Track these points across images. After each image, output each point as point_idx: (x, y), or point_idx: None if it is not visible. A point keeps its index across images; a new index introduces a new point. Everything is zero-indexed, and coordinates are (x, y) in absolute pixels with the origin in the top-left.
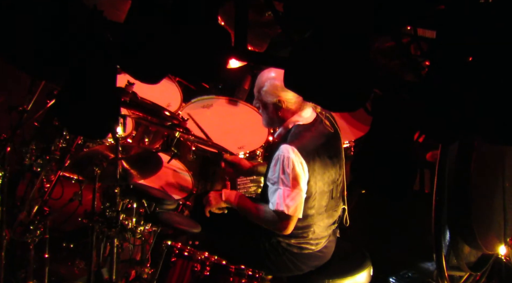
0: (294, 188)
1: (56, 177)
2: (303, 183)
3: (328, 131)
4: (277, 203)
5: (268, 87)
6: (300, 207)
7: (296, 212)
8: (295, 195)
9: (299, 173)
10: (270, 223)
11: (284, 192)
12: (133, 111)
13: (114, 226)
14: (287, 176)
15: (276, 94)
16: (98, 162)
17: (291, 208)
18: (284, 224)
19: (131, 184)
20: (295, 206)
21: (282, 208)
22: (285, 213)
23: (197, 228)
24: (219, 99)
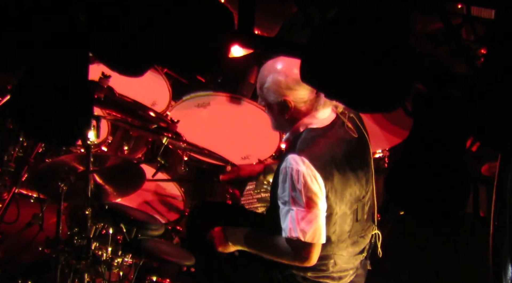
0: (309, 208)
1: (10, 195)
2: (320, 201)
3: (351, 136)
4: (290, 228)
5: (270, 83)
6: (320, 231)
7: (315, 238)
8: (312, 217)
9: (313, 189)
10: (287, 256)
11: (297, 214)
12: (109, 111)
13: (84, 257)
14: (299, 193)
15: (281, 93)
16: (64, 176)
17: (308, 233)
18: (304, 254)
19: (106, 204)
20: (313, 230)
21: (297, 234)
22: (301, 240)
23: (189, 260)
24: (218, 96)
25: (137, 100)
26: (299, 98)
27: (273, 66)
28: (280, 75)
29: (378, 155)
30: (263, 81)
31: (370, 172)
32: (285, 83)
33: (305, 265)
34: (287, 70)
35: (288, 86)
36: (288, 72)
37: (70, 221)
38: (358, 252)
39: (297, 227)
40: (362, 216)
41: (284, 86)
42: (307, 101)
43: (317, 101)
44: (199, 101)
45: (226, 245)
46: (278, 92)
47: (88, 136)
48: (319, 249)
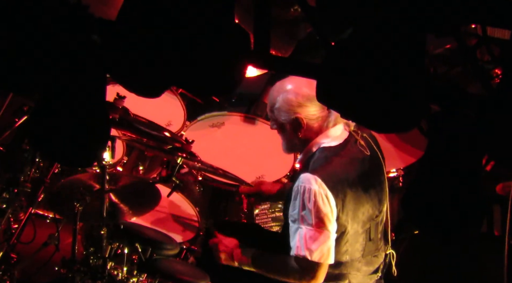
0: (318, 227)
1: (27, 215)
2: (330, 221)
3: (364, 155)
4: (297, 246)
5: (281, 103)
6: (328, 252)
7: (322, 258)
8: (321, 237)
9: (323, 209)
10: (293, 274)
11: (306, 233)
12: (124, 132)
13: (100, 277)
14: (309, 212)
15: (292, 111)
16: (79, 196)
17: (315, 253)
18: (310, 274)
19: (121, 224)
20: (321, 250)
21: (304, 253)
22: (308, 259)
23: (204, 279)
24: (232, 116)
25: (152, 121)
26: (311, 115)
27: (282, 86)
28: (289, 94)
29: (392, 175)
30: (273, 102)
31: (383, 191)
32: (296, 100)
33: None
34: (297, 88)
35: (299, 103)
36: (297, 91)
37: (86, 241)
38: (372, 271)
39: (304, 246)
40: (375, 235)
41: (295, 103)
42: (319, 118)
43: (329, 117)
44: (214, 121)
45: (231, 262)
46: (289, 110)
47: (103, 157)
48: (326, 269)
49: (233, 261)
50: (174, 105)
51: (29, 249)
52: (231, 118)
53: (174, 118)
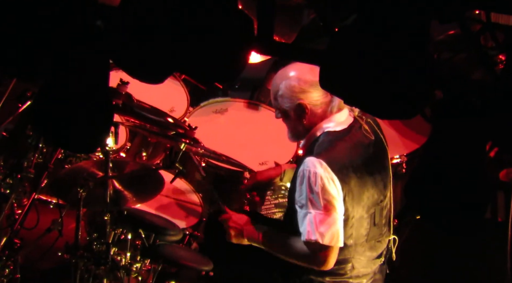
0: (327, 210)
1: (30, 201)
2: (338, 204)
3: (369, 140)
4: (308, 231)
5: (284, 90)
6: (338, 234)
7: (333, 241)
8: (330, 220)
9: (331, 192)
10: (304, 259)
11: (315, 216)
12: (127, 118)
13: (103, 262)
14: (316, 196)
15: (295, 97)
16: (83, 182)
17: (326, 236)
18: (321, 258)
19: (125, 210)
20: (331, 233)
21: (315, 237)
22: (320, 243)
23: (208, 265)
24: (235, 103)
25: (155, 107)
26: (314, 101)
27: (284, 73)
28: (292, 81)
29: (395, 161)
30: (276, 90)
31: (388, 176)
32: (298, 87)
33: (322, 269)
34: (299, 75)
35: (301, 89)
36: (300, 77)
37: (89, 226)
38: (375, 256)
39: (315, 230)
40: (379, 220)
41: (297, 90)
42: (322, 103)
43: (332, 103)
44: (217, 107)
45: (240, 238)
46: (292, 96)
47: (107, 143)
48: (337, 252)
49: (243, 237)
50: (177, 91)
51: (32, 234)
52: (234, 104)
53: (177, 104)
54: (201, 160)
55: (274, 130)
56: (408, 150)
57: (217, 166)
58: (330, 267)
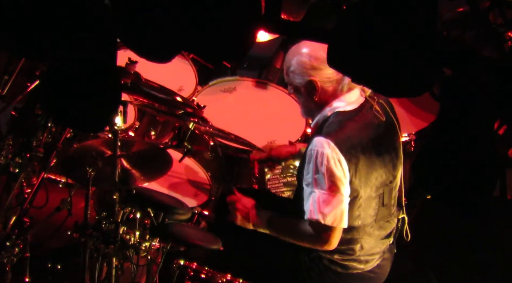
0: (331, 191)
1: (39, 180)
2: (343, 185)
3: (379, 120)
4: (311, 210)
5: (295, 66)
6: (341, 216)
7: (335, 222)
8: (334, 201)
9: (337, 173)
10: (307, 238)
11: (319, 196)
12: (136, 97)
13: (113, 241)
14: (322, 176)
15: (306, 74)
16: (91, 161)
17: (328, 217)
18: (324, 237)
19: (133, 189)
20: (334, 214)
21: (317, 217)
22: (321, 223)
23: (216, 244)
24: (244, 81)
25: (163, 86)
26: (325, 78)
27: (297, 49)
28: (303, 57)
29: (404, 139)
30: (288, 65)
31: (398, 157)
32: (309, 63)
33: (325, 249)
34: (311, 51)
35: (312, 66)
36: (312, 53)
37: (98, 205)
38: (384, 236)
39: (317, 210)
40: (389, 201)
41: (308, 66)
42: (333, 81)
43: (343, 81)
44: (225, 86)
45: (246, 223)
46: (303, 73)
47: (115, 122)
48: (340, 233)
49: (249, 222)
50: (186, 70)
51: (41, 213)
52: (242, 83)
53: (185, 83)
54: (210, 139)
55: (282, 109)
56: (416, 128)
57: (226, 145)
58: (334, 247)
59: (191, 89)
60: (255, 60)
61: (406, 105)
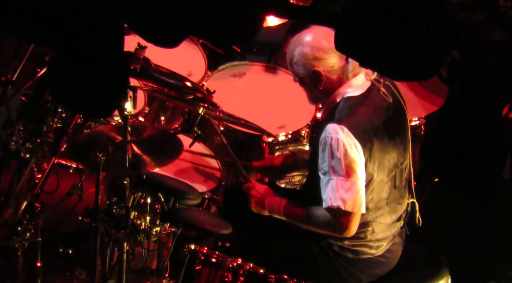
0: (349, 176)
1: (50, 165)
2: (360, 170)
3: (387, 103)
4: (330, 198)
5: (298, 57)
6: (360, 200)
7: (355, 207)
8: (352, 186)
9: (353, 157)
10: (327, 226)
11: (337, 183)
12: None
13: (123, 226)
14: (338, 162)
15: (309, 64)
16: (102, 146)
17: (348, 202)
18: (343, 223)
19: (144, 174)
20: (353, 199)
21: (337, 203)
22: (342, 209)
23: (227, 229)
24: (253, 66)
25: (173, 71)
26: (329, 67)
27: (299, 40)
28: (305, 47)
29: (414, 123)
30: (291, 56)
31: (407, 138)
32: (311, 54)
33: (344, 235)
34: (313, 41)
35: (315, 56)
36: (313, 43)
37: (109, 191)
38: (395, 219)
39: (337, 197)
40: (400, 183)
41: (311, 57)
42: (337, 69)
43: (347, 68)
44: (235, 71)
45: (261, 210)
46: (306, 64)
47: (125, 107)
48: (359, 218)
49: (264, 208)
50: (195, 55)
51: (52, 198)
52: (252, 67)
53: (195, 68)
54: (220, 124)
55: (292, 94)
56: (426, 112)
57: (236, 130)
58: (353, 234)
59: (201, 74)
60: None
61: (416, 89)
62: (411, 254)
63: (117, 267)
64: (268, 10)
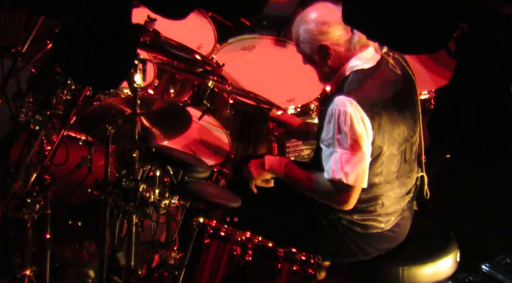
0: (354, 150)
1: (59, 137)
2: (365, 144)
3: (397, 76)
4: (333, 170)
5: (304, 35)
6: (363, 175)
7: (357, 181)
8: (356, 160)
9: (359, 131)
10: (326, 196)
11: (342, 156)
12: (155, 55)
13: (133, 199)
14: (344, 135)
15: (316, 40)
16: (111, 118)
17: (350, 176)
18: (343, 197)
19: (153, 147)
20: (356, 173)
21: (339, 176)
22: (343, 182)
23: (236, 202)
24: (263, 39)
25: (182, 43)
26: (335, 40)
27: (302, 19)
28: (309, 24)
29: (424, 97)
30: (297, 36)
31: (417, 112)
32: (316, 29)
33: (343, 208)
34: (317, 17)
35: (320, 31)
36: (317, 19)
37: (118, 163)
38: (404, 193)
39: (340, 169)
40: (410, 157)
41: (316, 32)
42: (345, 41)
43: (353, 39)
44: (245, 44)
45: (262, 172)
46: (312, 40)
47: (135, 79)
48: (359, 193)
49: (264, 168)
50: (205, 28)
51: (62, 171)
52: (262, 41)
53: (204, 41)
54: (229, 97)
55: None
56: (436, 86)
57: (245, 103)
58: (351, 207)
59: (210, 47)
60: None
61: (426, 62)
62: (419, 228)
63: (126, 239)
64: None
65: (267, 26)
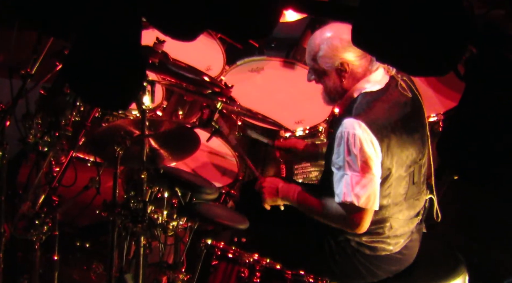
0: (364, 173)
1: (68, 158)
2: (375, 166)
3: (406, 98)
4: (344, 193)
5: (326, 50)
6: (374, 197)
7: (369, 204)
8: (367, 182)
9: (369, 153)
10: (339, 220)
11: (352, 178)
12: (164, 76)
13: (141, 220)
14: (354, 158)
15: (337, 56)
16: (120, 140)
17: (362, 198)
18: (356, 220)
19: (161, 168)
20: (367, 195)
21: (351, 198)
22: (355, 204)
23: (243, 224)
24: (271, 61)
25: (191, 65)
26: (354, 60)
27: (322, 34)
28: (334, 40)
29: (432, 119)
30: (315, 50)
31: (425, 134)
32: (341, 46)
33: (356, 231)
34: (339, 34)
35: (344, 48)
36: (340, 36)
37: (126, 184)
38: (413, 215)
39: (351, 192)
40: (418, 179)
41: (340, 48)
42: (362, 64)
43: (370, 63)
44: (253, 66)
45: (275, 198)
46: (334, 55)
47: (143, 101)
48: (371, 215)
49: (277, 196)
50: (214, 50)
51: (70, 192)
52: (270, 62)
53: (213, 62)
54: (237, 118)
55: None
56: (444, 108)
57: (253, 125)
58: (364, 231)
59: (219, 69)
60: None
61: (435, 85)
62: (428, 251)
63: (134, 261)
64: (287, 4)
65: (275, 48)
